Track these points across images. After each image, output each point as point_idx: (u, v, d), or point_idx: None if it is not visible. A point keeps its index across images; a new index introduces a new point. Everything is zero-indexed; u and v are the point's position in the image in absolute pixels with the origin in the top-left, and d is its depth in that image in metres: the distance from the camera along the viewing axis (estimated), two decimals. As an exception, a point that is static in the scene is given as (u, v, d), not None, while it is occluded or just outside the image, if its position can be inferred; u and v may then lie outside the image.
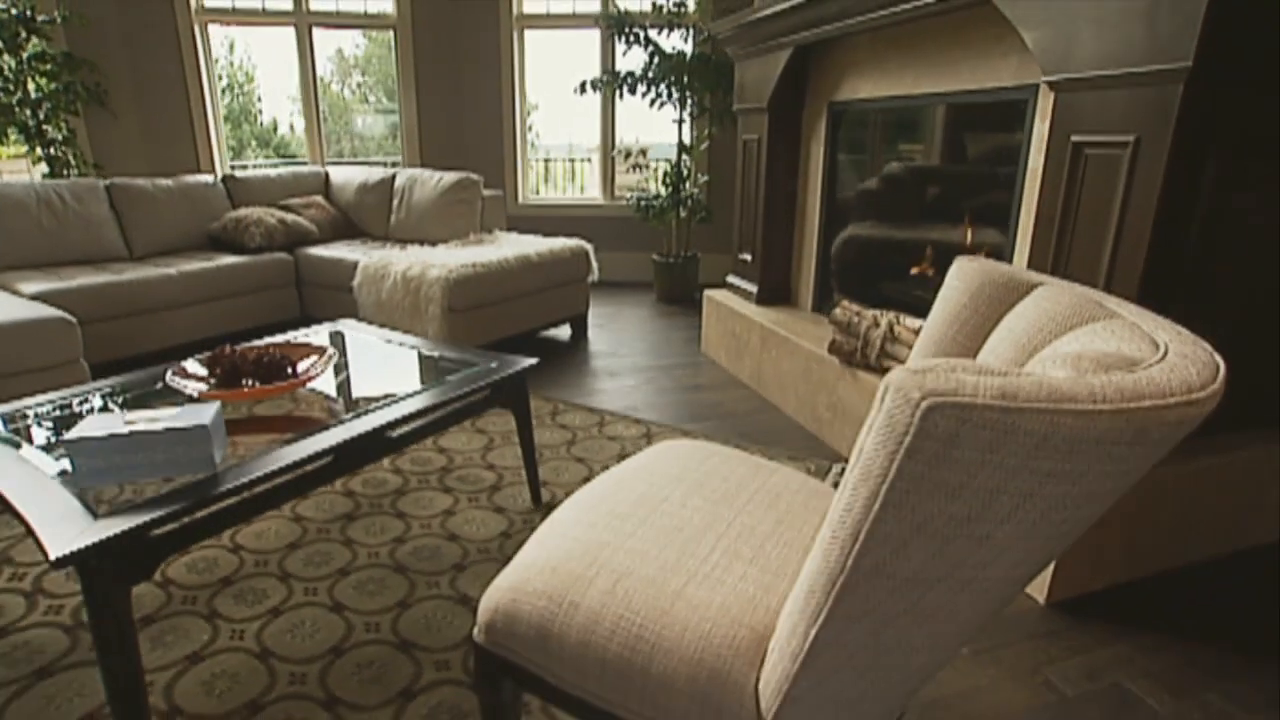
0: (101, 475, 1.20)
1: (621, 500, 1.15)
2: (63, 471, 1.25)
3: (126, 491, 1.19)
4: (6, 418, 1.53)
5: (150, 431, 1.21)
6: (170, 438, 1.22)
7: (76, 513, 1.11)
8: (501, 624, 0.97)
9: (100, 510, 1.12)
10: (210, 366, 1.65)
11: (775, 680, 0.81)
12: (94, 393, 1.71)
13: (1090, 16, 1.46)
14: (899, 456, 0.61)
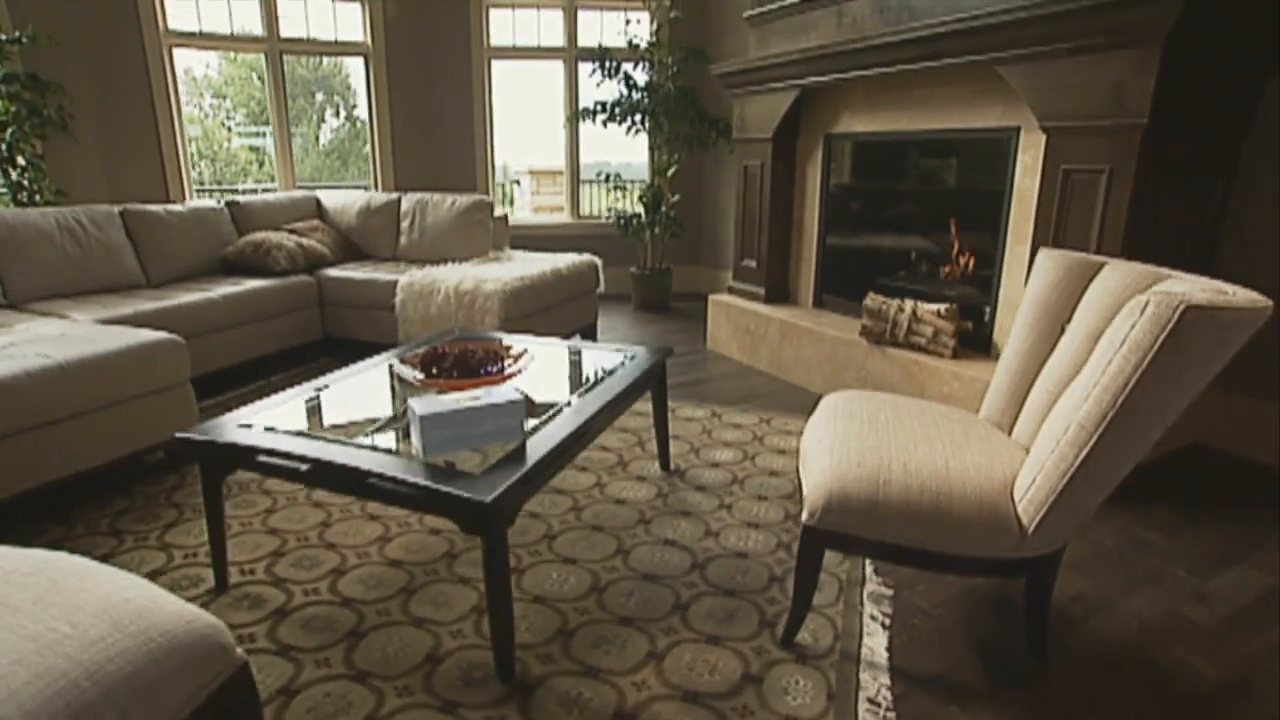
0: (442, 446, 1.47)
1: (854, 426, 1.60)
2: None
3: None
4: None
5: (480, 407, 1.50)
6: (493, 411, 1.51)
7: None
8: (836, 505, 1.39)
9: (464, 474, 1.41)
10: (426, 361, 1.91)
11: (1037, 501, 1.31)
12: (313, 388, 1.90)
13: (1075, 86, 2.12)
14: (1157, 342, 1.12)
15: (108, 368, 2.16)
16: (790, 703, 1.38)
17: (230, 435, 1.60)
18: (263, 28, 4.49)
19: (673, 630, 1.58)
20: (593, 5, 5.07)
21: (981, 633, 1.61)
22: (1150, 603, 1.71)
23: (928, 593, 1.75)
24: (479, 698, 1.37)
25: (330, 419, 1.78)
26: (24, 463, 1.98)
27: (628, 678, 1.43)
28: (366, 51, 4.78)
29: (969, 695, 1.42)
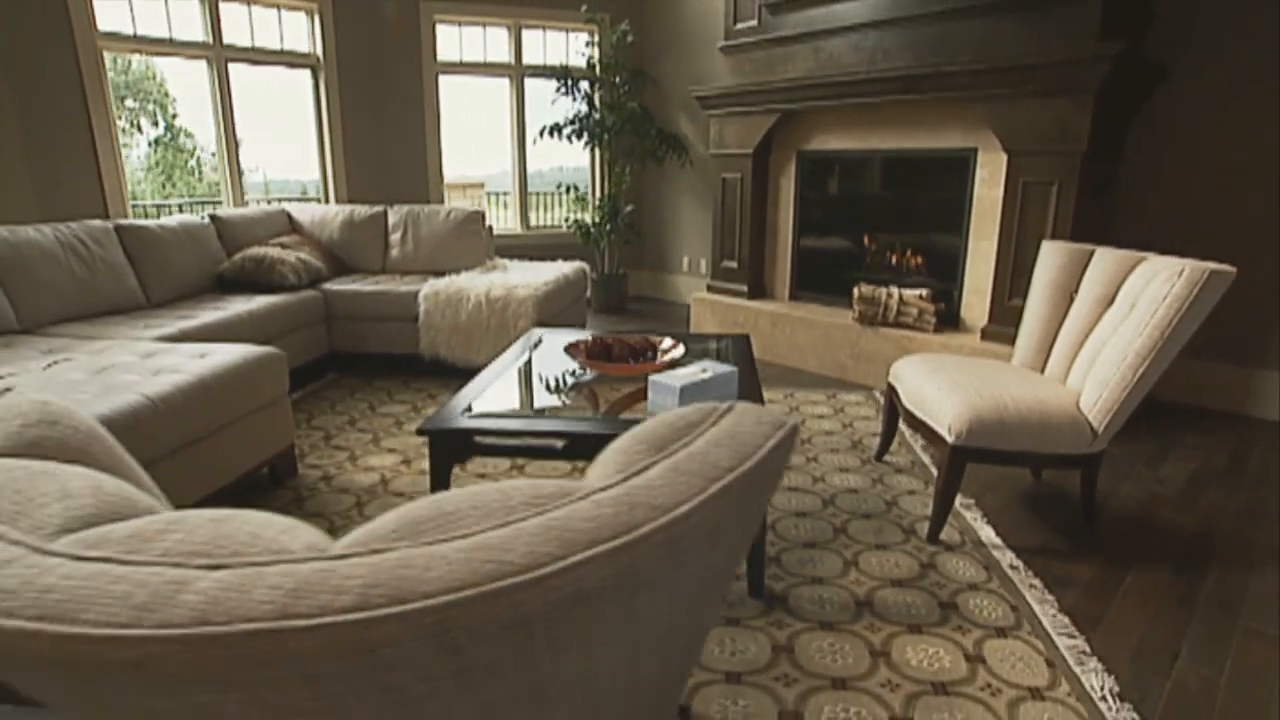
0: (690, 410, 1.78)
1: (946, 376, 2.13)
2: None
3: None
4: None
5: (711, 378, 1.82)
6: (718, 380, 1.85)
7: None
8: (976, 427, 1.90)
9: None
10: (593, 351, 2.17)
11: (1104, 409, 1.90)
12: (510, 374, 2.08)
13: (1031, 121, 2.84)
14: (1192, 294, 1.74)
15: (237, 381, 2.16)
16: (962, 576, 1.86)
17: (471, 423, 1.78)
18: (204, 33, 4.24)
19: (848, 545, 2.00)
20: (536, 25, 5.32)
21: (1043, 517, 2.21)
22: (1132, 488, 2.41)
23: (994, 500, 2.32)
24: (750, 612, 1.71)
25: (513, 407, 1.98)
26: (182, 479, 1.95)
27: (842, 580, 1.84)
28: (315, 63, 4.66)
29: (1062, 554, 1.99)
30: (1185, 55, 2.94)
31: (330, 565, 0.39)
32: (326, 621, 0.36)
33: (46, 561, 0.39)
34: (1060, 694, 1.47)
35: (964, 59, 2.98)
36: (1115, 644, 1.63)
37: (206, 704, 0.38)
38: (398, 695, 0.38)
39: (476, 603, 0.37)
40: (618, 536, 0.41)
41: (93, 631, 0.35)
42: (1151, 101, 3.04)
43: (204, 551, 0.40)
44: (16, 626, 0.35)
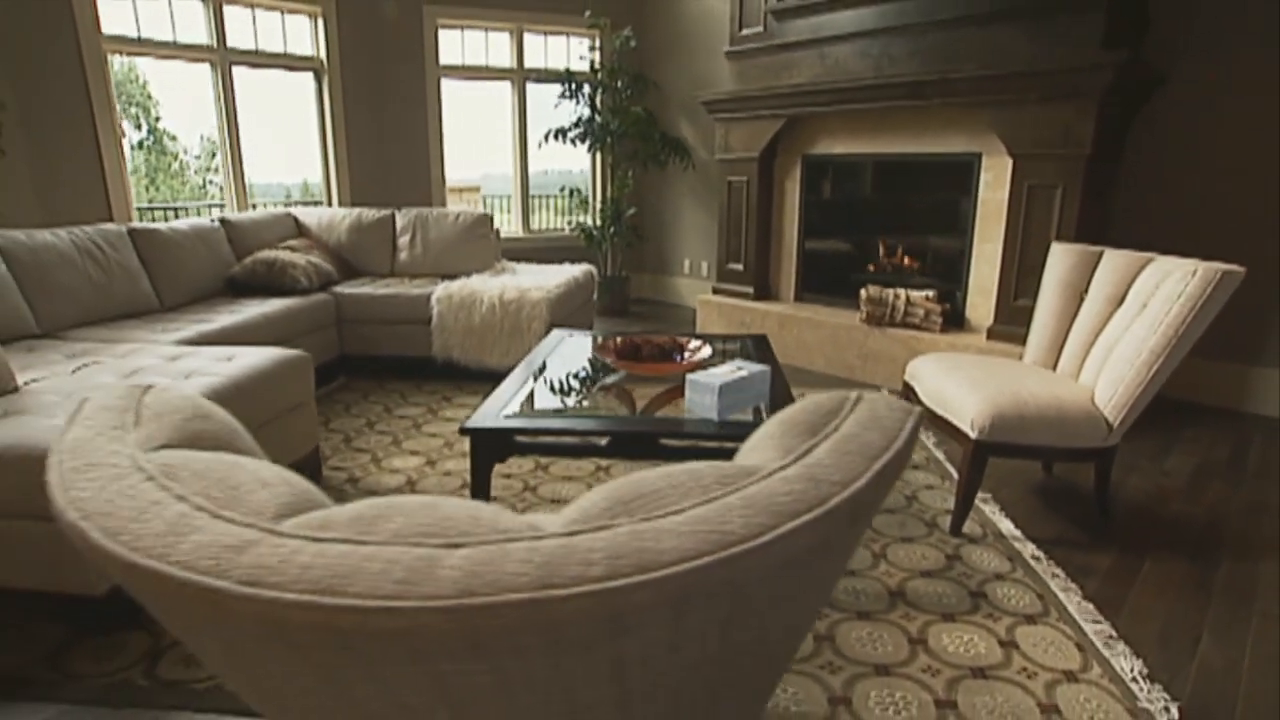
0: (728, 408, 1.83)
1: (966, 373, 2.20)
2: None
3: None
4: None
5: (746, 376, 1.87)
6: (752, 379, 1.90)
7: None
8: (998, 423, 1.96)
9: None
10: (623, 351, 2.21)
11: (1120, 404, 1.97)
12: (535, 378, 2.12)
13: (1036, 126, 2.92)
14: (1205, 293, 1.82)
15: (268, 384, 2.17)
16: (988, 567, 1.93)
17: (513, 423, 1.81)
18: (209, 37, 4.23)
19: (875, 538, 2.06)
20: (538, 29, 5.36)
21: (1057, 510, 2.28)
22: (1140, 481, 2.50)
23: (1010, 494, 2.39)
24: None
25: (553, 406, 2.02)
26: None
27: (873, 572, 1.89)
28: (319, 66, 4.66)
29: (1080, 545, 2.06)
30: (1182, 61, 3.04)
31: (569, 541, 0.43)
32: (583, 590, 0.39)
33: (288, 543, 0.43)
34: (1093, 676, 1.53)
35: (969, 66, 3.06)
36: (1139, 628, 1.70)
37: (446, 673, 0.42)
38: (622, 660, 0.42)
39: (711, 569, 0.41)
40: (813, 509, 0.46)
41: (365, 603, 0.38)
42: (1150, 105, 3.14)
43: (434, 532, 0.44)
44: (294, 599, 0.38)
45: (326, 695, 0.49)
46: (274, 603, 0.39)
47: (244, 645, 0.46)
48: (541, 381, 2.21)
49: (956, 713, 1.43)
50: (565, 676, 0.44)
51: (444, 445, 2.79)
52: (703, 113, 5.05)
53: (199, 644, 0.55)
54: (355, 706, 0.49)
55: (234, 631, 0.42)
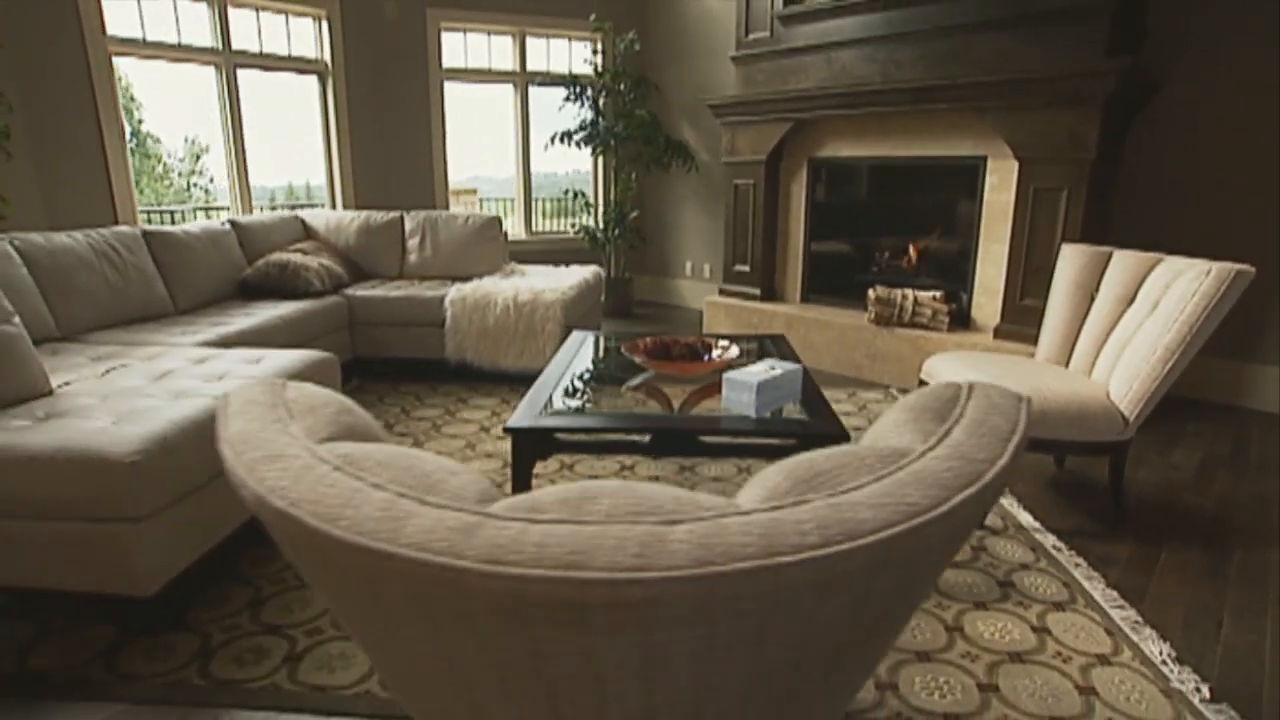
0: (766, 405, 1.87)
1: (985, 371, 2.26)
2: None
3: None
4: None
5: (781, 374, 1.92)
6: (787, 376, 1.94)
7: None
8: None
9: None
10: (653, 350, 2.24)
11: (1135, 399, 2.04)
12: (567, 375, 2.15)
13: (1042, 130, 3.01)
14: (1219, 291, 1.90)
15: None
16: (1013, 557, 1.99)
17: (556, 421, 1.84)
18: (213, 39, 4.21)
19: (903, 532, 2.11)
20: (540, 33, 5.39)
21: (1073, 502, 2.35)
22: (1149, 474, 2.58)
23: (1025, 487, 2.46)
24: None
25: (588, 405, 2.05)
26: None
27: (905, 563, 1.95)
28: (323, 69, 4.66)
29: (1098, 535, 2.13)
30: (1178, 67, 3.14)
31: (776, 514, 0.46)
32: (804, 557, 0.43)
33: (511, 525, 0.46)
34: (1125, 659, 1.59)
35: (975, 71, 3.14)
36: (1163, 614, 1.77)
37: (659, 641, 0.45)
38: (815, 623, 0.46)
39: (903, 536, 0.45)
40: (973, 484, 0.50)
41: (614, 575, 0.42)
42: (1149, 109, 3.24)
43: (644, 510, 0.47)
44: (539, 575, 0.42)
45: (510, 670, 0.52)
46: (519, 579, 0.42)
47: (424, 622, 0.49)
48: (574, 381, 2.24)
49: (999, 695, 1.48)
50: (765, 639, 0.47)
51: (466, 446, 2.81)
52: (704, 116, 5.12)
53: (354, 615, 0.58)
54: (537, 680, 0.52)
55: (451, 608, 0.45)
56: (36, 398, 1.88)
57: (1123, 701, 1.47)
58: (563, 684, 0.52)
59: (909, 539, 0.45)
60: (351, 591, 0.53)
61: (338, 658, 1.58)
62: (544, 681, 0.52)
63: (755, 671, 0.51)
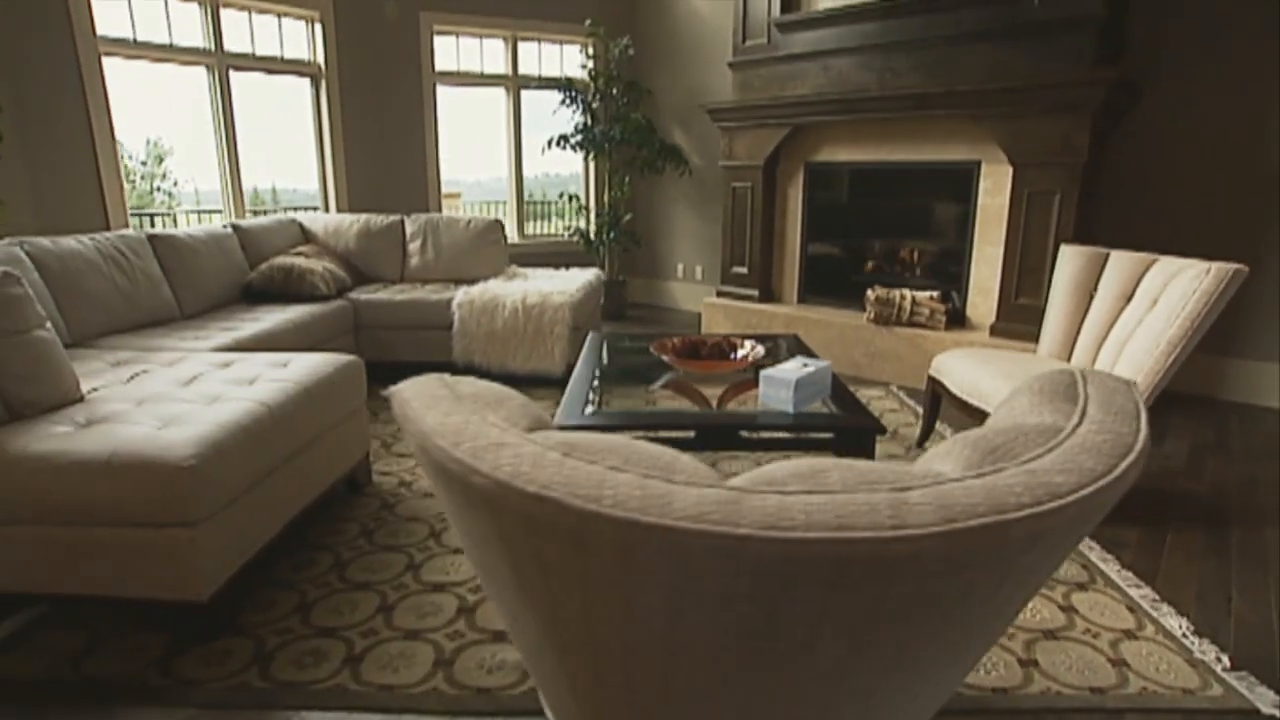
0: (802, 401, 1.94)
1: (995, 366, 2.37)
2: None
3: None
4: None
5: (814, 371, 1.99)
6: (818, 373, 2.01)
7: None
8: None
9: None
10: (682, 350, 2.30)
11: (1139, 389, 2.16)
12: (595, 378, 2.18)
13: (1036, 135, 3.15)
14: (1219, 289, 2.02)
15: (333, 388, 2.18)
16: (1033, 543, 2.09)
17: (604, 419, 1.88)
18: (204, 40, 4.14)
19: (926, 521, 2.20)
20: (532, 37, 5.41)
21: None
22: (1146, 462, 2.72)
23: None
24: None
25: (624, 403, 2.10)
26: (292, 488, 1.97)
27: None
28: (315, 72, 4.61)
29: (1106, 520, 2.24)
30: (1156, 75, 3.31)
31: (985, 480, 0.52)
32: (1025, 514, 0.49)
33: (768, 498, 0.50)
34: (1149, 634, 1.70)
35: (970, 79, 3.27)
36: (1177, 592, 1.88)
37: (886, 595, 0.51)
38: (1003, 580, 0.52)
39: (1091, 498, 0.52)
40: (1128, 454, 0.56)
41: (879, 534, 0.47)
42: (1130, 117, 3.41)
43: (870, 480, 0.52)
44: (815, 537, 0.46)
45: (730, 631, 0.57)
46: (797, 541, 0.47)
47: (655, 591, 0.54)
48: (605, 381, 2.28)
49: (1040, 669, 1.57)
50: (968, 594, 0.53)
51: (485, 448, 2.82)
52: (695, 120, 5.20)
53: (559, 592, 0.62)
54: (758, 640, 0.57)
55: (706, 574, 0.50)
56: (70, 404, 1.85)
57: (1153, 672, 1.57)
58: (781, 640, 0.57)
59: (1096, 498, 0.51)
60: (570, 568, 0.57)
61: (398, 657, 1.60)
62: (762, 641, 0.57)
63: (942, 628, 0.56)
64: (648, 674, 0.64)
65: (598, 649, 0.65)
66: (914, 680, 0.70)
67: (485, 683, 1.52)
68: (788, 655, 0.57)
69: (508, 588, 0.69)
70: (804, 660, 0.57)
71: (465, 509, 0.62)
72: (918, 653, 0.61)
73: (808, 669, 0.58)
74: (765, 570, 0.48)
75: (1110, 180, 3.51)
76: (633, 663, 0.62)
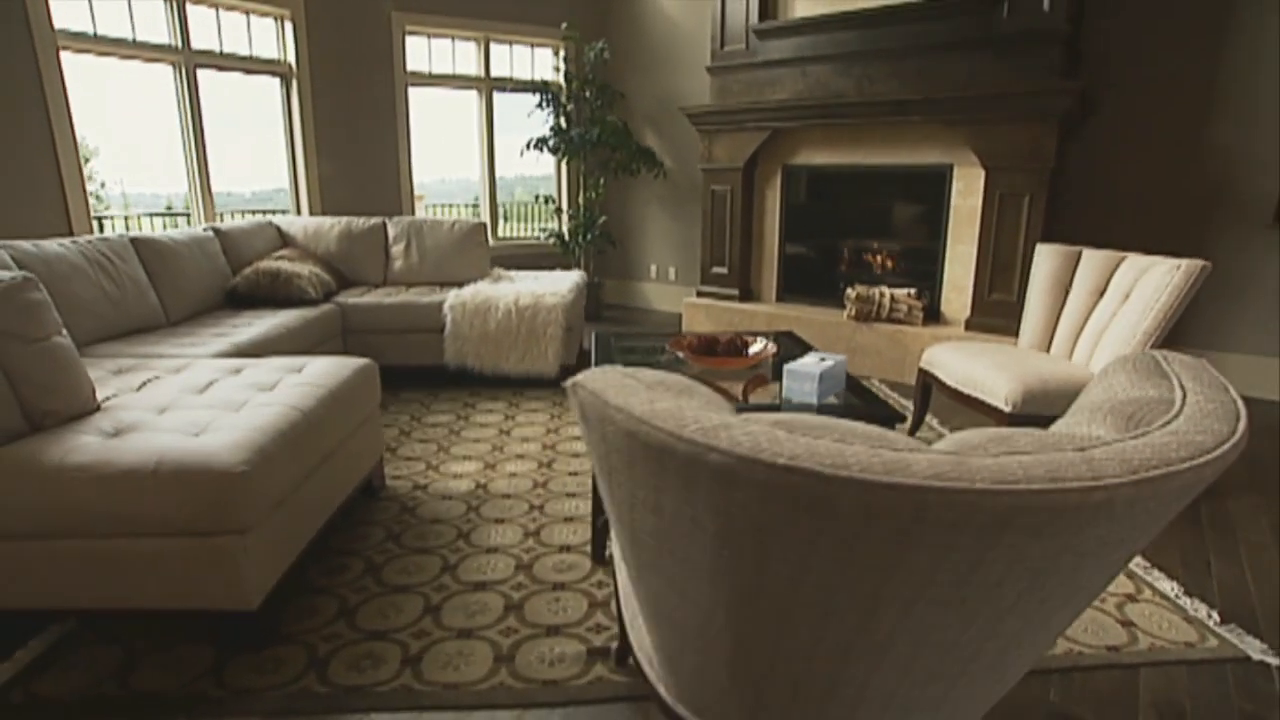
0: (824, 394, 2.04)
1: (988, 358, 2.53)
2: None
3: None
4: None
5: (831, 366, 2.09)
6: (835, 368, 2.12)
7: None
8: (1029, 397, 2.29)
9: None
10: (698, 347, 2.37)
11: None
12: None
13: (1007, 141, 3.35)
14: (1189, 283, 2.23)
15: (355, 392, 2.17)
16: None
17: (634, 415, 1.94)
18: (170, 37, 3.98)
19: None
20: (504, 39, 5.39)
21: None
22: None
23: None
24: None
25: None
26: (321, 494, 1.95)
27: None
28: (286, 71, 4.49)
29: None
30: (1108, 91, 3.58)
31: (1147, 439, 0.61)
32: (1191, 465, 0.58)
33: (983, 459, 0.58)
34: (1147, 597, 1.86)
35: (945, 88, 3.46)
36: (1164, 559, 2.06)
37: (1076, 543, 0.59)
38: (1150, 525, 0.61)
39: (1228, 454, 0.61)
40: (1239, 418, 0.66)
41: (1078, 485, 0.55)
42: (1083, 126, 3.67)
43: (1047, 445, 0.60)
44: (1040, 488, 0.54)
45: (903, 581, 0.64)
46: (1021, 492, 0.54)
47: (848, 547, 0.61)
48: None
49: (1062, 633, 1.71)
50: (1118, 543, 0.62)
51: (493, 450, 2.83)
52: (667, 123, 5.29)
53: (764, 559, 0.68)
54: (922, 588, 0.65)
55: (952, 522, 0.57)
56: (88, 414, 1.79)
57: (1157, 630, 1.73)
58: (974, 586, 0.65)
59: (1225, 457, 0.61)
60: (796, 535, 0.63)
61: (456, 655, 1.62)
62: (957, 589, 0.64)
63: (1088, 580, 0.66)
64: (841, 629, 0.70)
65: (792, 612, 0.71)
66: (1041, 629, 0.79)
67: (549, 675, 1.56)
68: (979, 598, 0.65)
69: (689, 562, 0.74)
70: (991, 602, 0.65)
71: (678, 488, 0.67)
72: (1060, 601, 0.70)
73: (988, 608, 0.66)
74: (989, 521, 0.56)
75: (1065, 181, 3.76)
76: (828, 621, 0.69)
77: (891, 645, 0.73)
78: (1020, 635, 0.78)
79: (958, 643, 0.74)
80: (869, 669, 0.76)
